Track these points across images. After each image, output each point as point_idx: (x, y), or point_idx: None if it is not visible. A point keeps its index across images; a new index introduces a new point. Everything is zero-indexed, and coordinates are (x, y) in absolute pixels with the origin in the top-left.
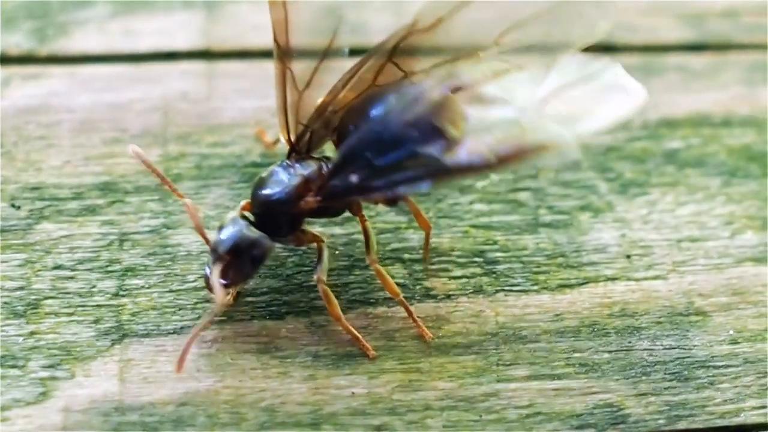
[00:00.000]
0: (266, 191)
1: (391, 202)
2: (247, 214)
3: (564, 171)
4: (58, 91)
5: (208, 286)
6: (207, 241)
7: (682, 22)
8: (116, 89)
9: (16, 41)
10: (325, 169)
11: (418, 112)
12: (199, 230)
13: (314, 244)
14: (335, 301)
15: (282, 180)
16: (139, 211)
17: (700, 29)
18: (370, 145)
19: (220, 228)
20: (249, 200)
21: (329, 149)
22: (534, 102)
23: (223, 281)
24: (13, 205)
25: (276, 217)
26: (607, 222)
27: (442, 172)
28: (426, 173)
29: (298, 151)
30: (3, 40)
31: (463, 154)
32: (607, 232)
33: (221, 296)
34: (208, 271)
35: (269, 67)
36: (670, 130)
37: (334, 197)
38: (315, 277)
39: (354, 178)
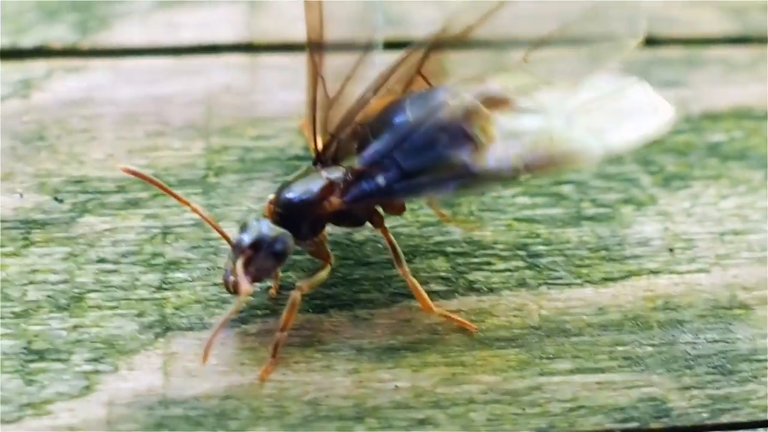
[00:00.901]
0: (291, 190)
1: (399, 210)
2: (267, 214)
3: (606, 164)
4: (100, 83)
5: (227, 286)
6: (226, 237)
7: (724, 14)
8: (159, 82)
9: (58, 34)
10: (350, 175)
11: (447, 117)
12: (216, 229)
13: (322, 261)
14: (294, 314)
15: (307, 181)
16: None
17: (742, 22)
18: (398, 148)
19: (243, 226)
20: (272, 197)
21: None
22: (563, 113)
23: (243, 278)
24: (56, 199)
25: (299, 216)
26: (650, 215)
27: (469, 177)
28: (453, 177)
29: (324, 161)
30: (46, 33)
31: (491, 160)
32: (650, 225)
33: (245, 288)
34: (227, 270)
35: None
36: (713, 123)
37: (358, 199)
38: (299, 283)
39: (380, 180)
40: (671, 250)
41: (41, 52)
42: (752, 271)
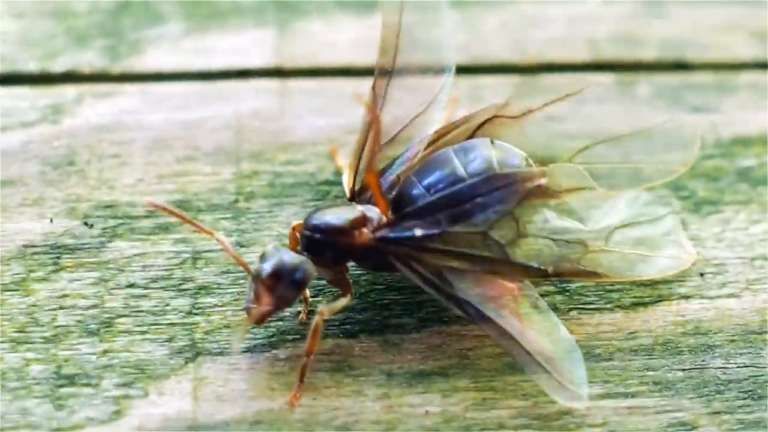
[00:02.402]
0: (324, 214)
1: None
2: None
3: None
4: (130, 109)
5: (247, 315)
6: (247, 268)
7: (755, 39)
8: (189, 107)
9: (88, 59)
10: (385, 217)
11: (504, 198)
12: (238, 260)
13: (341, 291)
14: (318, 339)
15: (341, 209)
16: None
17: None
18: (447, 209)
19: (262, 256)
20: (296, 224)
21: None
22: (602, 229)
23: (266, 308)
24: (86, 224)
25: (326, 242)
26: None
27: (499, 262)
28: (485, 257)
29: (359, 202)
30: (76, 58)
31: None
32: None
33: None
34: (248, 302)
35: (342, 84)
36: (743, 148)
37: (388, 241)
38: (320, 308)
39: (418, 232)
40: (702, 274)
41: (71, 77)
42: None
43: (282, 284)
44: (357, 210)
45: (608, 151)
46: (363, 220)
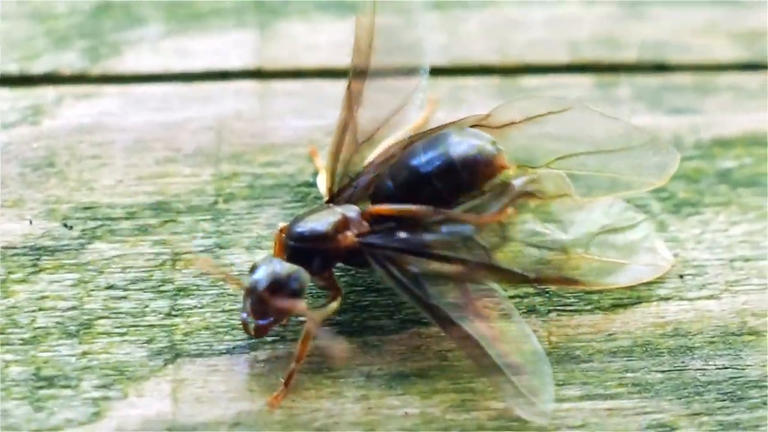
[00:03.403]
0: (305, 223)
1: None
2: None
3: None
4: (110, 110)
5: (246, 330)
6: (241, 285)
7: (735, 41)
8: (169, 109)
9: (68, 61)
10: (366, 217)
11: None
12: (233, 281)
13: (332, 293)
14: (308, 345)
15: (321, 215)
16: (191, 230)
17: (754, 49)
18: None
19: (253, 269)
20: (283, 226)
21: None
22: (582, 237)
23: (264, 321)
24: (65, 225)
25: (312, 250)
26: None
27: (482, 267)
28: (468, 260)
29: (338, 202)
30: (56, 59)
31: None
32: None
33: (299, 307)
34: (245, 314)
35: (323, 86)
36: (724, 150)
37: (371, 244)
38: (311, 314)
39: (401, 234)
40: (681, 276)
41: (51, 78)
42: (762, 298)
43: (279, 295)
44: (337, 213)
45: (587, 159)
46: (345, 222)
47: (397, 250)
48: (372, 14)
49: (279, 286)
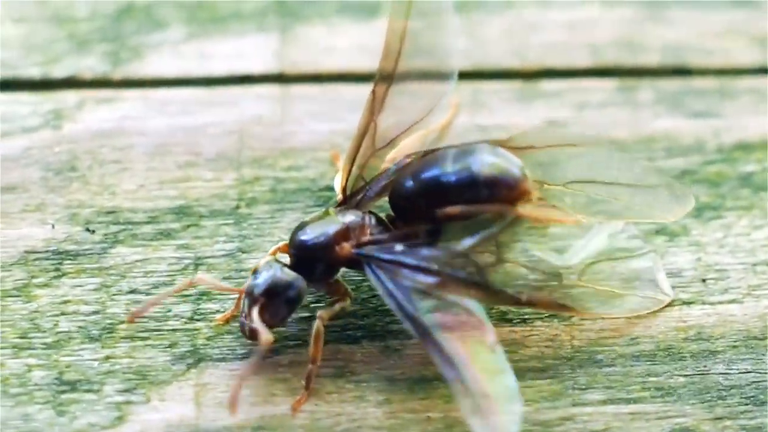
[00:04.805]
0: (305, 233)
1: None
2: (282, 257)
3: None
4: (132, 114)
5: (243, 332)
6: (237, 291)
7: (757, 45)
8: (190, 113)
9: (89, 65)
10: (368, 222)
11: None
12: (229, 290)
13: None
14: (321, 344)
15: (322, 224)
16: (213, 235)
17: None
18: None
19: (255, 272)
20: (285, 242)
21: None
22: (578, 264)
23: (258, 325)
24: (87, 229)
25: (312, 259)
26: (683, 246)
27: (477, 285)
28: (461, 278)
29: (348, 205)
30: (77, 63)
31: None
32: (683, 256)
33: (266, 338)
34: (242, 317)
35: (343, 90)
36: (745, 154)
37: (367, 256)
38: (320, 312)
39: (398, 246)
40: (704, 280)
41: (72, 82)
42: None
43: (275, 302)
44: (338, 222)
45: (602, 188)
46: (345, 232)
47: (392, 263)
48: (405, 18)
49: (276, 292)
